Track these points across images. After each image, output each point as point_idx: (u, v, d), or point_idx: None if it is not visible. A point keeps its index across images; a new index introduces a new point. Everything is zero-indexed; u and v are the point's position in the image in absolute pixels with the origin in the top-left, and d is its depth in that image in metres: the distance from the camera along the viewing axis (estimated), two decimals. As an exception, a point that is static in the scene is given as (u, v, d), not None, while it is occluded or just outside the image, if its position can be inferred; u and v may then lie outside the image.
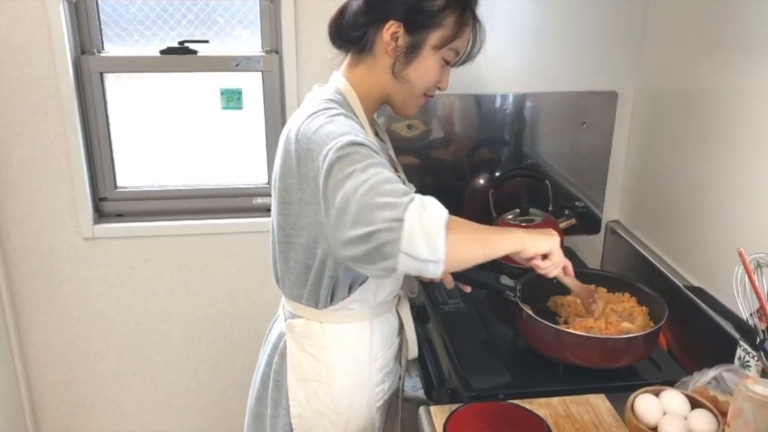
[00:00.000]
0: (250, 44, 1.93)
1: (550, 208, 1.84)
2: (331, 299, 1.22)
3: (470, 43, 1.21)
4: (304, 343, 1.26)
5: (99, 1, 1.84)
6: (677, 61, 1.70)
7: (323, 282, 1.19)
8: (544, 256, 1.12)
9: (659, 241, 1.80)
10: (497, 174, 1.94)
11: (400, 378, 1.41)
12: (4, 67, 1.75)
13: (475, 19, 1.19)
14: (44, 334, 2.04)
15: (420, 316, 1.74)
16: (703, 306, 1.50)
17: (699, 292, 1.54)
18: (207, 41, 1.90)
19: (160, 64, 1.89)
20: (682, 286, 1.59)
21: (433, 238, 0.93)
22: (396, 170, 1.30)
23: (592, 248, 2.06)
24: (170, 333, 2.09)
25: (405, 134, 1.88)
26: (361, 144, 1.01)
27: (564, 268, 1.18)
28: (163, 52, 1.87)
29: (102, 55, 1.87)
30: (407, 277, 1.39)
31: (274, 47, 1.91)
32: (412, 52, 1.15)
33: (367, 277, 1.22)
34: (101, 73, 1.87)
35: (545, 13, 1.82)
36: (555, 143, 1.95)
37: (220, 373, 2.16)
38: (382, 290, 1.26)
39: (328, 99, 1.14)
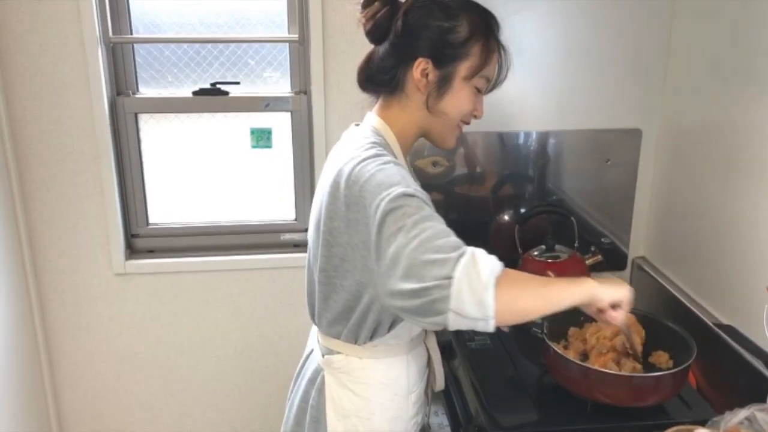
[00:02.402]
0: (280, 85, 1.98)
1: (575, 245, 1.84)
2: (371, 337, 1.23)
3: (498, 69, 1.23)
4: (344, 378, 1.26)
5: (135, 45, 1.91)
6: (701, 98, 1.71)
7: (366, 324, 1.20)
8: (614, 306, 1.12)
9: (686, 277, 1.79)
10: (522, 210, 1.96)
11: (428, 410, 1.41)
12: (44, 109, 1.82)
13: (500, 45, 1.22)
14: (75, 368, 2.07)
15: (446, 352, 1.73)
16: (733, 344, 1.48)
17: (729, 329, 1.53)
18: (238, 83, 1.95)
19: (192, 104, 1.94)
20: (711, 324, 1.58)
21: (481, 296, 0.93)
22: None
23: (619, 285, 2.05)
24: (198, 368, 2.11)
25: (430, 171, 1.91)
26: (412, 196, 1.02)
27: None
28: (195, 93, 1.93)
29: (137, 96, 1.94)
30: None
31: (303, 88, 1.96)
32: (443, 85, 1.18)
33: None
34: (136, 114, 1.93)
35: (568, 52, 1.85)
36: (579, 180, 1.96)
37: (247, 409, 2.17)
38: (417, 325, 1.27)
39: (372, 142, 1.15)
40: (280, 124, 1.99)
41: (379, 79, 1.22)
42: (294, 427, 1.36)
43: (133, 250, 2.03)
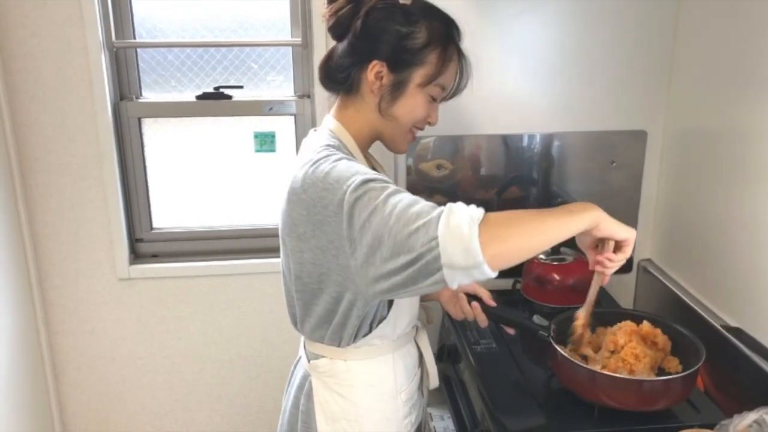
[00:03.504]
0: (283, 89, 1.98)
1: (581, 247, 1.83)
2: (355, 337, 1.23)
3: (457, 78, 1.23)
4: (330, 382, 1.26)
5: (138, 49, 1.91)
6: (706, 99, 1.70)
7: (349, 323, 1.19)
8: (617, 248, 1.12)
9: (693, 280, 1.77)
10: (527, 213, 1.94)
11: (424, 409, 1.40)
12: (47, 114, 1.82)
13: (460, 54, 1.21)
14: (79, 373, 2.07)
15: (451, 356, 1.73)
16: (742, 347, 1.47)
17: (737, 332, 1.52)
18: (241, 87, 1.95)
19: (195, 108, 1.94)
20: (718, 326, 1.57)
21: (466, 244, 0.93)
22: None
23: (625, 287, 2.04)
24: (203, 373, 2.11)
25: (434, 174, 1.90)
26: (373, 179, 1.02)
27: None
28: (198, 97, 1.93)
29: (140, 101, 1.94)
30: (422, 307, 1.41)
31: (306, 92, 1.96)
32: (397, 90, 1.17)
33: (387, 313, 1.22)
34: (139, 118, 1.93)
35: (572, 54, 1.84)
36: (584, 182, 1.95)
37: (251, 414, 2.17)
38: (400, 322, 1.27)
39: (325, 145, 1.15)
40: (284, 127, 1.98)
41: (336, 77, 1.22)
42: None
43: (136, 255, 2.03)
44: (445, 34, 1.19)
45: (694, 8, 1.74)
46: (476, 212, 0.97)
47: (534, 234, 1.00)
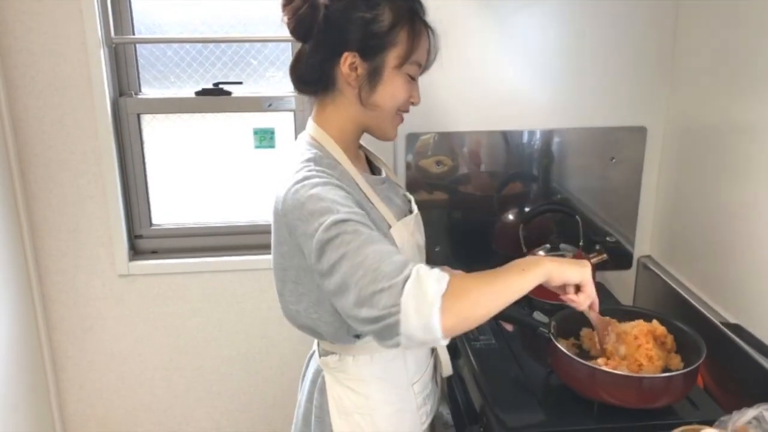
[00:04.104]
0: (282, 85, 1.98)
1: (580, 243, 1.83)
2: (358, 336, 1.23)
3: (428, 52, 1.21)
4: (341, 377, 1.26)
5: (137, 45, 1.91)
6: (707, 95, 1.69)
7: (341, 330, 1.20)
8: (578, 288, 1.12)
9: (693, 276, 1.77)
10: (527, 209, 1.94)
11: (438, 399, 1.40)
12: (46, 110, 1.81)
13: (427, 27, 1.19)
14: (79, 369, 2.07)
15: (450, 351, 1.72)
16: (741, 343, 1.47)
17: (736, 329, 1.52)
18: (241, 83, 1.95)
19: (195, 105, 1.94)
20: (718, 323, 1.57)
21: (427, 320, 0.93)
22: (398, 185, 1.33)
23: (624, 284, 2.04)
24: (202, 369, 2.11)
25: (434, 170, 1.90)
26: (346, 221, 1.01)
27: (591, 304, 1.17)
28: (198, 93, 1.93)
29: (139, 97, 1.93)
30: None
31: (305, 87, 1.95)
32: (374, 77, 1.15)
33: None
34: (138, 115, 1.93)
35: (573, 49, 1.84)
36: (584, 178, 1.95)
37: (250, 411, 2.17)
38: None
39: (305, 160, 1.13)
40: (283, 124, 1.98)
41: (309, 78, 1.19)
42: (302, 428, 1.36)
43: (136, 251, 2.03)
44: (409, 10, 1.16)
45: (694, 4, 1.74)
46: (443, 282, 0.95)
47: (492, 300, 0.99)
